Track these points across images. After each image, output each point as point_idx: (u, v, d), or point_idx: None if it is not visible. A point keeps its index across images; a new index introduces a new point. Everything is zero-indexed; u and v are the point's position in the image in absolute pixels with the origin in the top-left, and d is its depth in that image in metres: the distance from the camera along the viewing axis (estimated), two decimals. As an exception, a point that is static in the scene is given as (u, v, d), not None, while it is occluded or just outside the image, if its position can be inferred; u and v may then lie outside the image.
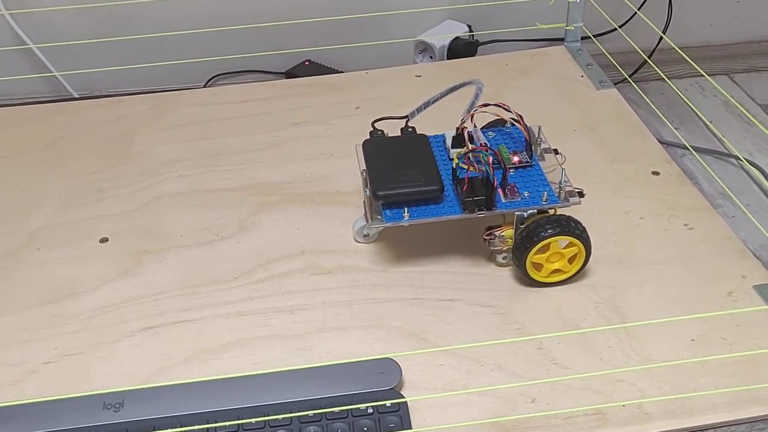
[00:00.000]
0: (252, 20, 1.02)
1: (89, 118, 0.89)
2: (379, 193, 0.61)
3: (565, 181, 0.63)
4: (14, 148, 0.84)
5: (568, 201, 0.62)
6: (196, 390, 0.54)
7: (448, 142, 0.66)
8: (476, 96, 0.68)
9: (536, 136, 0.67)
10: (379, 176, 0.62)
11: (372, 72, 0.94)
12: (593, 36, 0.97)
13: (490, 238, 0.64)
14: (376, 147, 0.66)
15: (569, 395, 0.55)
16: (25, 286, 0.66)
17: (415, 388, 0.56)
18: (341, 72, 1.04)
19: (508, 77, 0.92)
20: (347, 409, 0.52)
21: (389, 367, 0.55)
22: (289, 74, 1.05)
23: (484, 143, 0.64)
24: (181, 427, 0.52)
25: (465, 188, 0.60)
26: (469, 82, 0.69)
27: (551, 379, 0.56)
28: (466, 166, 0.61)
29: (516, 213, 0.61)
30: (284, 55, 1.06)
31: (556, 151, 0.67)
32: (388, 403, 0.53)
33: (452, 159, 0.64)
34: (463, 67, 0.95)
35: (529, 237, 0.61)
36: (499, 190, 0.62)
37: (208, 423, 0.52)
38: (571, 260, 0.63)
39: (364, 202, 0.65)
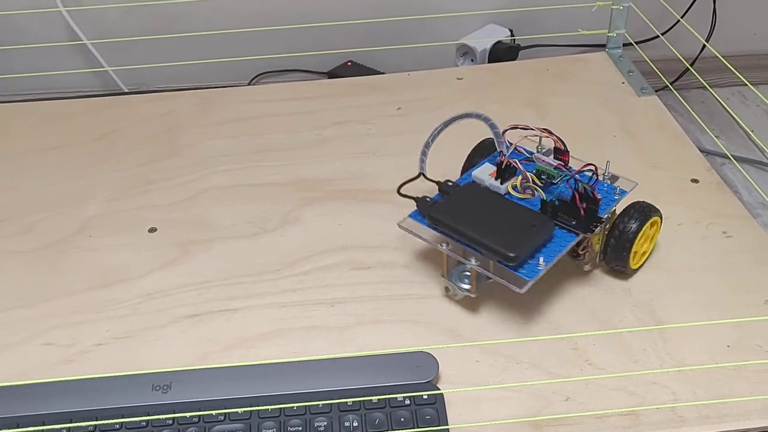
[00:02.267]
0: (296, 20, 1.05)
1: (139, 113, 0.91)
2: (513, 255, 0.57)
3: (606, 173, 0.65)
4: (68, 139, 0.87)
5: (625, 188, 0.64)
6: (241, 374, 0.56)
7: (487, 180, 0.64)
8: (494, 127, 0.67)
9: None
10: (495, 239, 0.58)
11: (413, 74, 0.96)
12: (635, 43, 0.97)
13: (585, 252, 0.63)
14: (444, 212, 0.62)
15: (603, 395, 0.56)
16: (78, 271, 0.69)
17: (450, 382, 0.57)
18: (383, 73, 1.06)
19: (549, 82, 0.92)
20: (385, 399, 0.54)
21: (426, 360, 0.57)
22: (332, 74, 1.08)
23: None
24: (225, 409, 0.54)
25: (580, 209, 0.60)
26: (467, 115, 0.67)
27: (585, 378, 0.57)
28: (527, 195, 0.63)
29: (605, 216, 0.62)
30: (327, 55, 1.08)
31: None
32: (424, 395, 0.54)
33: (509, 192, 0.64)
34: (505, 70, 0.96)
35: (625, 232, 0.62)
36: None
37: (251, 406, 0.54)
38: (653, 239, 0.66)
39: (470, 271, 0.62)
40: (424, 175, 0.66)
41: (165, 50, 1.05)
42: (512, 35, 1.05)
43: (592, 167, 0.61)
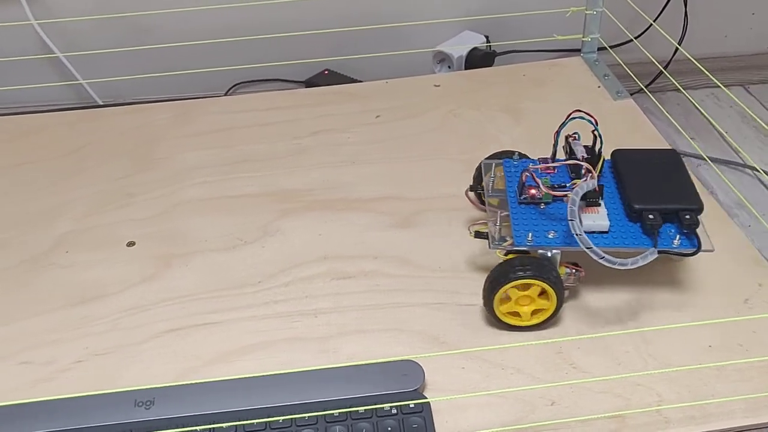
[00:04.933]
0: (272, 30, 1.04)
1: (113, 125, 0.90)
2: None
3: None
4: (41, 153, 0.85)
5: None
6: (225, 389, 0.55)
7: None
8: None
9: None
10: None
11: (391, 81, 0.96)
12: (609, 47, 0.98)
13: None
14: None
15: (588, 399, 0.56)
16: (55, 288, 0.67)
17: (437, 390, 0.57)
18: (360, 81, 1.06)
19: (525, 87, 0.93)
20: (372, 409, 0.54)
21: (412, 368, 0.57)
22: (309, 83, 1.07)
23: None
24: (210, 424, 0.53)
25: None
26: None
27: (570, 382, 0.57)
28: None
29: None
30: (304, 64, 1.08)
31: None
32: (411, 403, 0.54)
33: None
34: (481, 77, 0.96)
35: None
36: None
37: (237, 421, 0.53)
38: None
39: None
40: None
41: (140, 62, 1.04)
42: (488, 41, 1.06)
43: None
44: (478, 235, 0.63)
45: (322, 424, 0.53)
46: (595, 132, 0.62)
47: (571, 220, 0.56)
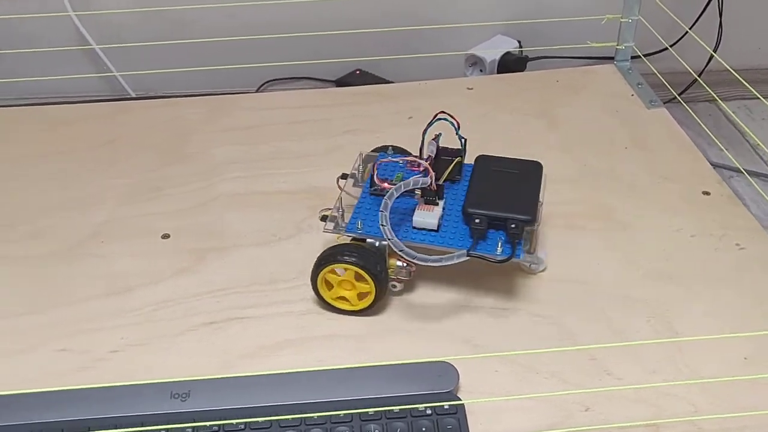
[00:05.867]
0: (304, 29, 1.05)
1: (146, 118, 0.91)
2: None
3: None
4: (75, 144, 0.86)
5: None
6: (261, 383, 0.56)
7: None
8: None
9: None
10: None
11: (424, 83, 0.96)
12: (644, 55, 0.98)
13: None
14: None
15: (623, 406, 0.56)
16: (90, 278, 0.68)
17: (470, 392, 0.57)
18: (391, 82, 1.06)
19: (559, 93, 0.93)
20: (407, 409, 0.54)
21: (447, 370, 0.57)
22: (340, 82, 1.08)
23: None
24: (245, 418, 0.53)
25: None
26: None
27: (606, 389, 0.57)
28: None
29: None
30: (335, 63, 1.08)
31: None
32: (446, 404, 0.54)
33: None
34: (515, 81, 0.96)
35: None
36: None
37: (272, 416, 0.53)
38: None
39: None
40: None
41: (173, 56, 1.05)
42: (520, 46, 1.06)
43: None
44: (324, 219, 0.64)
45: (357, 422, 0.53)
46: (457, 135, 0.65)
47: (382, 211, 0.57)
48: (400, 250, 0.58)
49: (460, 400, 0.55)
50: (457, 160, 0.66)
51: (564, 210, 0.74)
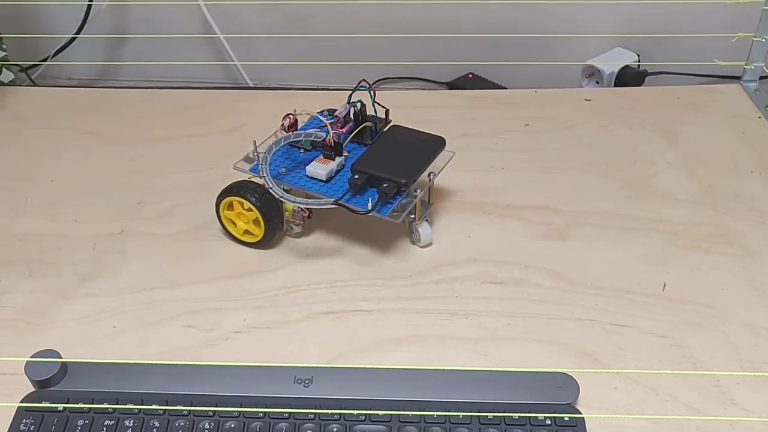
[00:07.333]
0: (420, 30, 1.05)
1: (267, 108, 0.92)
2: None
3: None
4: (200, 129, 0.89)
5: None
6: (382, 377, 0.56)
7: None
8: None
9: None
10: None
11: (540, 91, 0.95)
12: (772, 77, 0.95)
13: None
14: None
15: (749, 438, 0.55)
16: (216, 259, 0.70)
17: (588, 406, 0.56)
18: (504, 88, 1.06)
19: (680, 111, 0.91)
20: (527, 417, 0.54)
21: (567, 381, 0.56)
22: (452, 85, 1.08)
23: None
24: (366, 410, 0.54)
25: None
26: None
27: (731, 418, 0.55)
28: None
29: None
30: (446, 66, 1.09)
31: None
32: (566, 417, 0.54)
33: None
34: (633, 95, 0.95)
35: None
36: None
37: (392, 410, 0.54)
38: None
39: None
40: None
41: (290, 49, 1.07)
42: (639, 60, 1.04)
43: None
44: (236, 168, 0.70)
45: (476, 425, 0.53)
46: (373, 104, 0.71)
47: (264, 153, 0.66)
48: (270, 187, 0.64)
49: (580, 413, 0.55)
50: (365, 124, 0.71)
51: (686, 230, 0.73)
